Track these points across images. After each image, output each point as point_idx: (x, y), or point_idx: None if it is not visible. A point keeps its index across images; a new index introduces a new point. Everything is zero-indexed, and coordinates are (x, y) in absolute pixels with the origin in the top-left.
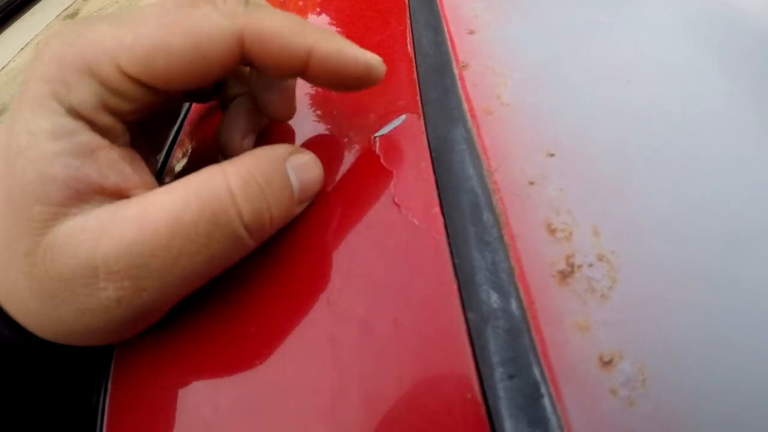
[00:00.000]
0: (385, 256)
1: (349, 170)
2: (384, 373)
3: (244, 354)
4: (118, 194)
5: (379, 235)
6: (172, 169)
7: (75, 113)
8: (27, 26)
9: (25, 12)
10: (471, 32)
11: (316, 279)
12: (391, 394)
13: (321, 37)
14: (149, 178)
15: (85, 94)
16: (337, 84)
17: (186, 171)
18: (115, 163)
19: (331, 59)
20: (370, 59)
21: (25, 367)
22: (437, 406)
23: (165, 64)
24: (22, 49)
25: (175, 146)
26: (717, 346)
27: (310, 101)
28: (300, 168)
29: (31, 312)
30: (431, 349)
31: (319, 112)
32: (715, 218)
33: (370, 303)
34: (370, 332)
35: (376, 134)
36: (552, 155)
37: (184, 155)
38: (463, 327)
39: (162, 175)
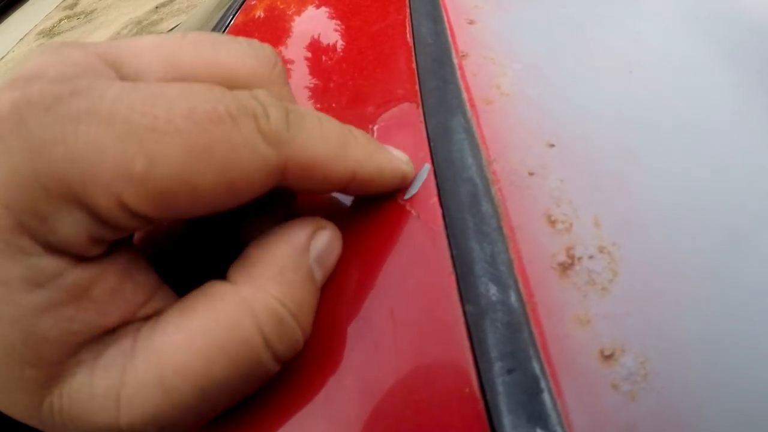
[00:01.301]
0: (382, 246)
1: None
2: (381, 366)
3: None
4: (122, 323)
5: (376, 225)
6: None
7: (55, 250)
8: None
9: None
10: (471, 22)
11: None
12: (388, 388)
13: (363, 156)
14: (150, 279)
15: (68, 230)
16: (368, 195)
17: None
18: (115, 291)
19: (371, 180)
20: (405, 169)
21: None
22: (435, 400)
23: (188, 202)
24: (21, 39)
25: None
26: (719, 341)
27: (309, 93)
28: (323, 256)
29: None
30: (429, 343)
31: (318, 105)
32: (717, 211)
33: (366, 294)
34: (366, 324)
35: (406, 196)
36: (552, 146)
37: None
38: (461, 320)
39: None
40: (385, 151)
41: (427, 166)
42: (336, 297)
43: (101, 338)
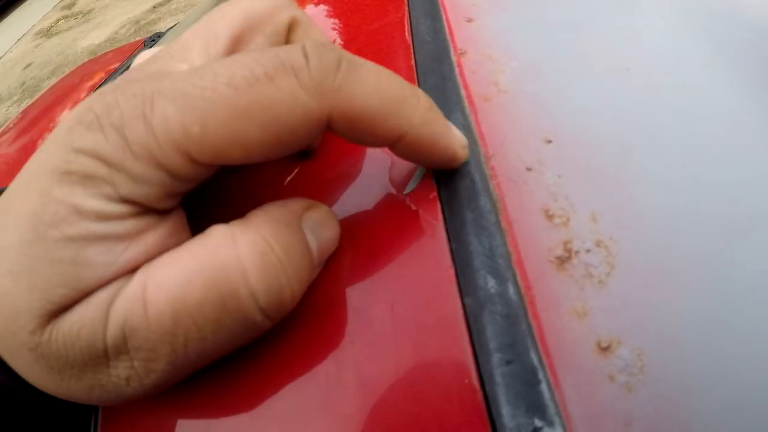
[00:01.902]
0: (382, 241)
1: (345, 157)
2: (381, 358)
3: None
4: None
5: (376, 220)
6: None
7: (132, 202)
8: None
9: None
10: (469, 20)
11: None
12: (387, 379)
13: (419, 120)
14: (188, 236)
15: (151, 190)
16: (414, 161)
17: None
18: (161, 243)
19: (420, 146)
20: (458, 150)
21: (22, 411)
22: (434, 391)
23: (240, 154)
24: (18, 39)
25: None
26: (715, 333)
27: None
28: (318, 227)
29: (37, 379)
30: (428, 335)
31: None
32: (713, 206)
33: (366, 288)
34: (367, 317)
35: (405, 191)
36: (550, 142)
37: None
38: (460, 312)
39: None
40: (445, 125)
41: (423, 170)
42: (337, 290)
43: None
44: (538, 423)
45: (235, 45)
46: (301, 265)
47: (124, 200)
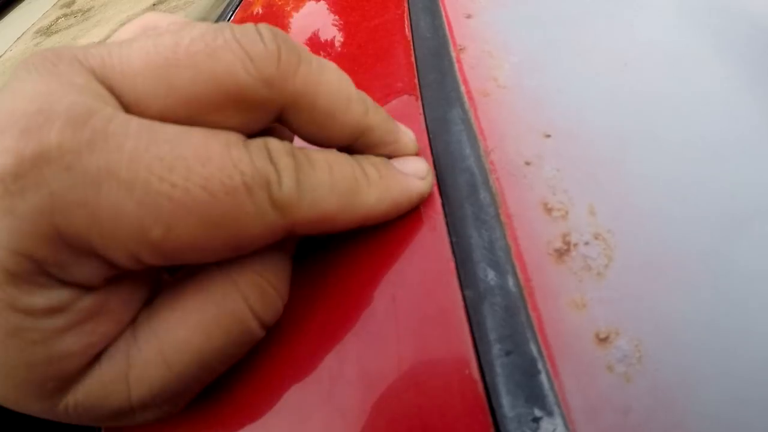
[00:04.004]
0: (383, 234)
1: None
2: (382, 350)
3: None
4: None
5: None
6: None
7: (72, 284)
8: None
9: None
10: (468, 16)
11: (315, 260)
12: (389, 371)
13: (375, 200)
14: (156, 279)
15: (86, 275)
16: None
17: None
18: (128, 302)
19: (387, 213)
20: (422, 188)
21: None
22: (435, 382)
23: (195, 257)
24: (18, 38)
25: None
26: (712, 324)
27: None
28: None
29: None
30: (429, 326)
31: None
32: (710, 199)
33: (368, 281)
34: (369, 310)
35: None
36: (548, 136)
37: None
38: (460, 304)
39: None
40: (401, 179)
41: None
42: (339, 284)
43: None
44: (537, 413)
45: (198, 108)
46: (286, 274)
47: (62, 285)
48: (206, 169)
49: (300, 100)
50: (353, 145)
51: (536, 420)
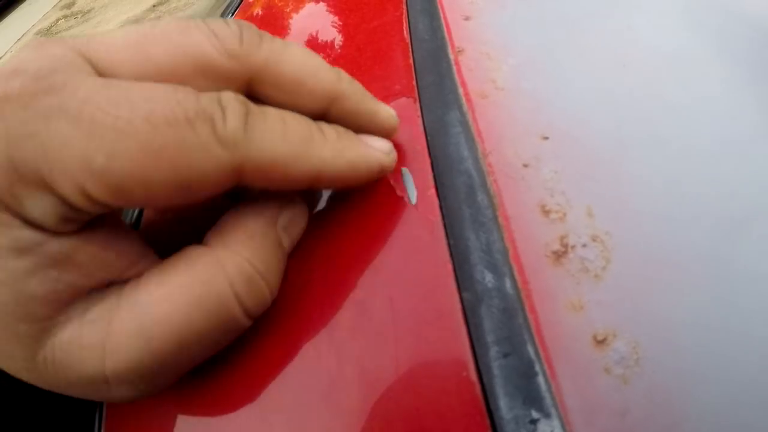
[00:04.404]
0: (381, 237)
1: None
2: (380, 352)
3: (240, 338)
4: (108, 284)
5: (375, 216)
6: None
7: (34, 225)
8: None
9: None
10: (467, 18)
11: (314, 261)
12: (387, 373)
13: (330, 154)
14: (136, 247)
15: (40, 211)
16: (348, 188)
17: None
18: (97, 257)
19: (341, 176)
20: (382, 159)
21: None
22: (433, 384)
23: (143, 195)
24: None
25: None
26: (710, 326)
27: None
28: (290, 226)
29: (42, 386)
30: (427, 329)
31: None
32: (708, 201)
33: (366, 283)
34: (366, 312)
35: (412, 202)
36: (546, 138)
37: None
38: (458, 306)
39: None
40: (361, 145)
41: (405, 170)
42: (337, 285)
43: (88, 297)
44: (535, 414)
45: (169, 77)
46: (278, 268)
47: (26, 224)
48: (149, 104)
49: (265, 71)
50: (328, 115)
51: (534, 422)
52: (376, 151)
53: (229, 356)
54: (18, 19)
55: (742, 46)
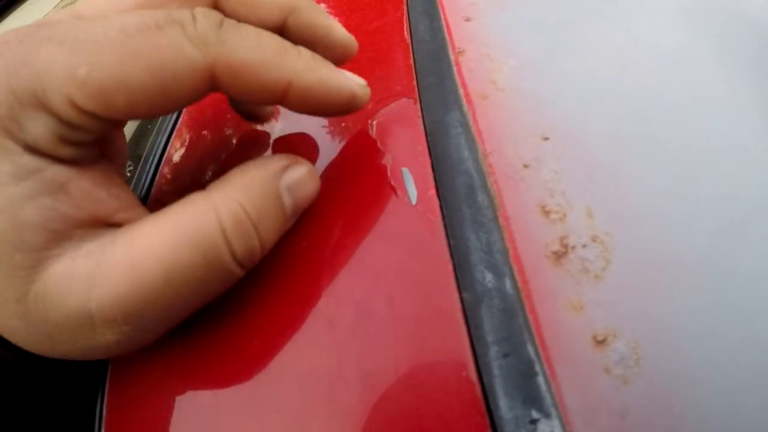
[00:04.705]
0: (382, 237)
1: (345, 154)
2: (380, 352)
3: (239, 339)
4: (99, 223)
5: (376, 216)
6: (171, 159)
7: (33, 150)
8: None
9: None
10: (467, 19)
11: (314, 261)
12: (387, 373)
13: (303, 67)
14: (127, 196)
15: (39, 130)
16: (317, 113)
17: (183, 169)
18: (89, 192)
19: (312, 92)
20: (355, 88)
21: (21, 380)
22: (433, 384)
23: (125, 100)
24: None
25: (173, 136)
26: (710, 326)
27: None
28: (295, 186)
29: (30, 344)
30: (427, 329)
31: None
32: (708, 202)
33: (366, 283)
34: (366, 312)
35: (413, 203)
36: (546, 139)
37: (182, 145)
38: (458, 306)
39: (160, 166)
40: (334, 70)
41: (405, 170)
42: (337, 285)
43: (84, 233)
44: (535, 414)
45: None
46: (273, 223)
47: (26, 150)
48: (123, 20)
49: None
50: (287, 29)
51: (533, 422)
52: (350, 80)
53: (229, 356)
54: (18, 19)
55: (741, 46)
